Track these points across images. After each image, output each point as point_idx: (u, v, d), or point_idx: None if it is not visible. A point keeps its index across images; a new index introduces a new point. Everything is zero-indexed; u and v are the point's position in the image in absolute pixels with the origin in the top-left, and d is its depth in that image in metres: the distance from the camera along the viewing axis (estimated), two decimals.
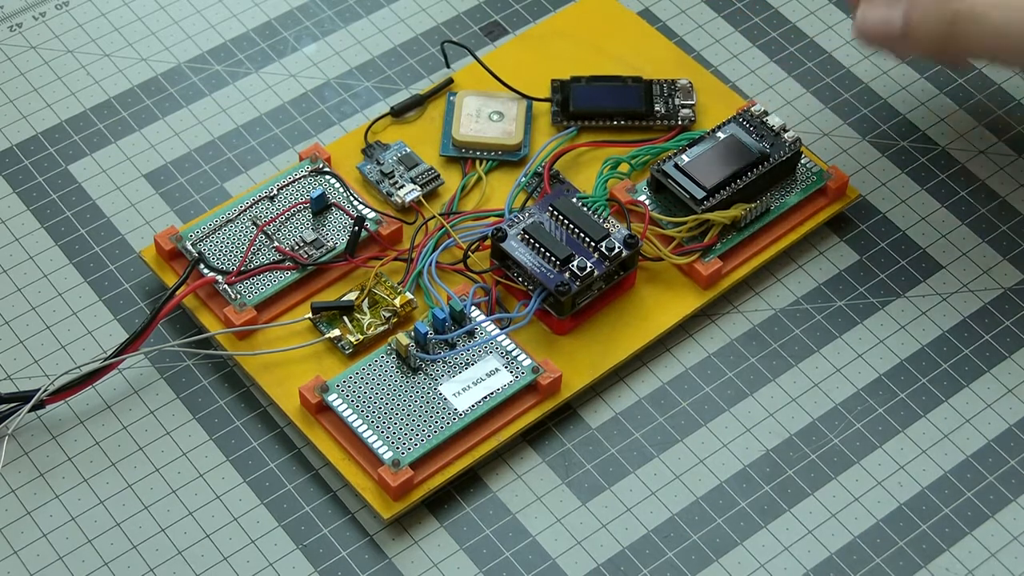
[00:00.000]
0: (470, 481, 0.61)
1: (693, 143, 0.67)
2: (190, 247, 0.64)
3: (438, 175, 0.68)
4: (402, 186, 0.67)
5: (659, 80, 0.71)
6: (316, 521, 0.60)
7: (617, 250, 0.63)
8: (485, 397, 0.61)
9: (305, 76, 0.73)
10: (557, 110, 0.70)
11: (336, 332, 0.63)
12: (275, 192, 0.66)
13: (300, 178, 0.67)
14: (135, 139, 0.71)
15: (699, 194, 0.65)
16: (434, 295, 0.64)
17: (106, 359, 0.62)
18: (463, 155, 0.69)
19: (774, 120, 0.67)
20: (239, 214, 0.66)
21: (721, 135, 0.67)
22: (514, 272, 0.64)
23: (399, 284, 0.64)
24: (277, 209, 0.66)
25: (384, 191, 0.67)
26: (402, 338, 0.62)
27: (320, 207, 0.66)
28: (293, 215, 0.66)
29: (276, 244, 0.65)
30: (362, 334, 0.63)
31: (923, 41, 0.61)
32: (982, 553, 0.60)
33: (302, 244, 0.65)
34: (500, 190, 0.68)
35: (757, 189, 0.66)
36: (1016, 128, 0.72)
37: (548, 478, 0.61)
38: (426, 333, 0.62)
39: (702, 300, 0.65)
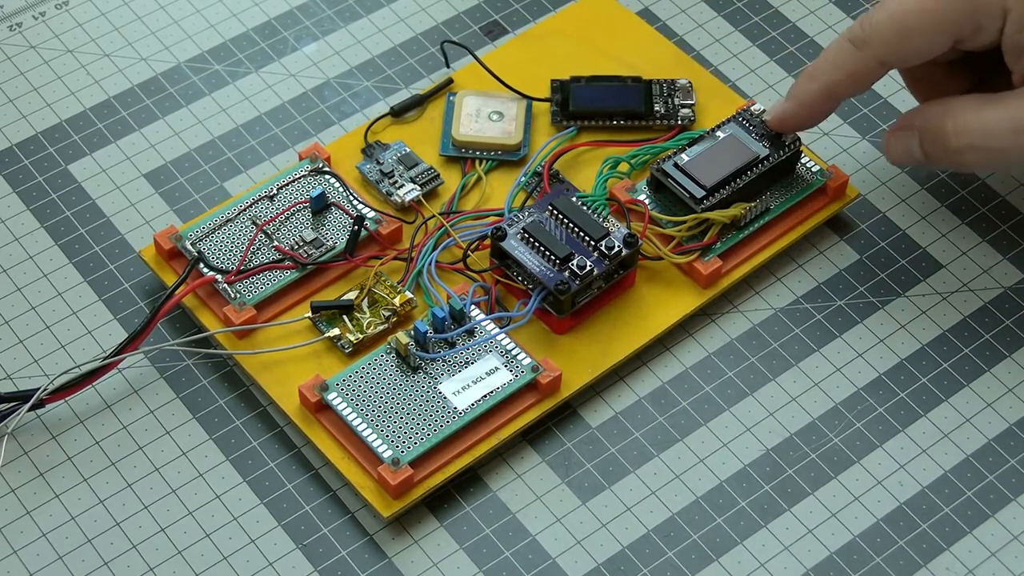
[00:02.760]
0: (470, 480, 0.61)
1: (693, 142, 0.67)
2: (190, 246, 0.64)
3: (438, 175, 0.68)
4: (402, 186, 0.67)
5: (659, 80, 0.71)
6: (316, 521, 0.60)
7: (617, 249, 0.63)
8: (485, 396, 0.61)
9: (305, 76, 0.73)
10: (557, 110, 0.70)
11: (336, 331, 0.63)
12: (275, 192, 0.66)
13: (300, 178, 0.67)
14: (135, 139, 0.71)
15: (699, 193, 0.65)
16: (434, 294, 0.64)
17: (106, 358, 0.62)
18: (463, 155, 0.69)
19: None
20: (239, 213, 0.66)
21: (721, 134, 0.67)
22: (514, 271, 0.64)
23: (399, 283, 0.64)
24: (277, 208, 0.66)
25: (384, 191, 0.67)
26: (402, 337, 0.61)
27: (320, 207, 0.66)
28: (293, 214, 0.66)
29: (276, 243, 0.65)
30: (362, 333, 0.63)
31: (941, 164, 0.65)
32: (982, 552, 0.60)
33: (302, 243, 0.65)
34: (500, 190, 0.68)
35: (757, 188, 0.66)
36: None
37: (548, 477, 0.61)
38: (426, 332, 0.62)
39: (702, 299, 0.65)
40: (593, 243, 0.63)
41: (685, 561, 0.59)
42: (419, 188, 0.67)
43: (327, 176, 0.67)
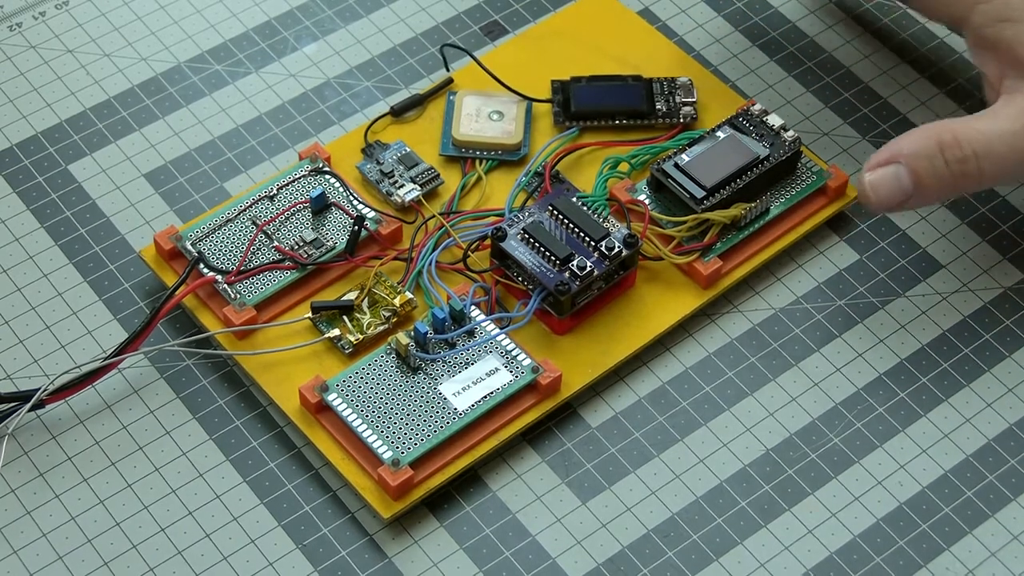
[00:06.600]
0: (470, 481, 0.61)
1: (693, 142, 0.67)
2: (190, 247, 0.64)
3: (438, 175, 0.68)
4: (402, 186, 0.67)
5: (659, 78, 0.71)
6: (316, 521, 0.60)
7: (617, 249, 0.63)
8: (485, 397, 0.61)
9: (305, 76, 0.73)
10: (559, 111, 0.70)
11: (336, 332, 0.63)
12: (275, 192, 0.66)
13: (300, 178, 0.67)
14: (135, 139, 0.71)
15: (699, 193, 0.65)
16: (434, 295, 0.64)
17: (106, 359, 0.62)
18: (463, 155, 0.69)
19: (774, 120, 0.67)
20: (239, 214, 0.66)
21: (721, 134, 0.67)
22: (514, 271, 0.64)
23: (399, 284, 0.64)
24: (277, 209, 0.66)
25: (384, 191, 0.67)
26: (402, 337, 0.62)
27: (320, 207, 0.66)
28: (293, 215, 0.66)
29: (276, 244, 0.65)
30: (362, 334, 0.63)
31: (935, 190, 0.62)
32: (982, 552, 0.60)
33: (302, 244, 0.65)
34: (500, 190, 0.68)
35: (757, 188, 0.66)
36: None
37: (548, 478, 0.61)
38: (426, 333, 0.62)
39: (702, 299, 0.65)
40: (593, 243, 0.63)
41: (685, 561, 0.59)
42: (419, 188, 0.67)
43: (327, 176, 0.67)
